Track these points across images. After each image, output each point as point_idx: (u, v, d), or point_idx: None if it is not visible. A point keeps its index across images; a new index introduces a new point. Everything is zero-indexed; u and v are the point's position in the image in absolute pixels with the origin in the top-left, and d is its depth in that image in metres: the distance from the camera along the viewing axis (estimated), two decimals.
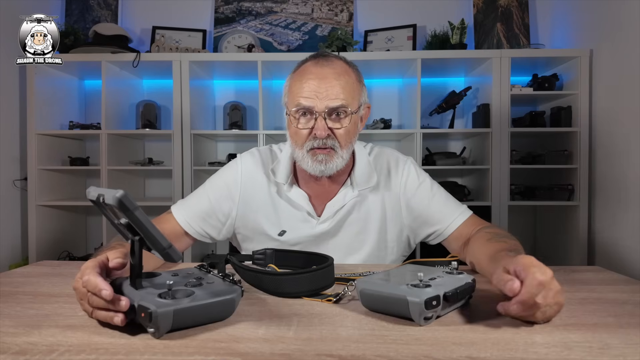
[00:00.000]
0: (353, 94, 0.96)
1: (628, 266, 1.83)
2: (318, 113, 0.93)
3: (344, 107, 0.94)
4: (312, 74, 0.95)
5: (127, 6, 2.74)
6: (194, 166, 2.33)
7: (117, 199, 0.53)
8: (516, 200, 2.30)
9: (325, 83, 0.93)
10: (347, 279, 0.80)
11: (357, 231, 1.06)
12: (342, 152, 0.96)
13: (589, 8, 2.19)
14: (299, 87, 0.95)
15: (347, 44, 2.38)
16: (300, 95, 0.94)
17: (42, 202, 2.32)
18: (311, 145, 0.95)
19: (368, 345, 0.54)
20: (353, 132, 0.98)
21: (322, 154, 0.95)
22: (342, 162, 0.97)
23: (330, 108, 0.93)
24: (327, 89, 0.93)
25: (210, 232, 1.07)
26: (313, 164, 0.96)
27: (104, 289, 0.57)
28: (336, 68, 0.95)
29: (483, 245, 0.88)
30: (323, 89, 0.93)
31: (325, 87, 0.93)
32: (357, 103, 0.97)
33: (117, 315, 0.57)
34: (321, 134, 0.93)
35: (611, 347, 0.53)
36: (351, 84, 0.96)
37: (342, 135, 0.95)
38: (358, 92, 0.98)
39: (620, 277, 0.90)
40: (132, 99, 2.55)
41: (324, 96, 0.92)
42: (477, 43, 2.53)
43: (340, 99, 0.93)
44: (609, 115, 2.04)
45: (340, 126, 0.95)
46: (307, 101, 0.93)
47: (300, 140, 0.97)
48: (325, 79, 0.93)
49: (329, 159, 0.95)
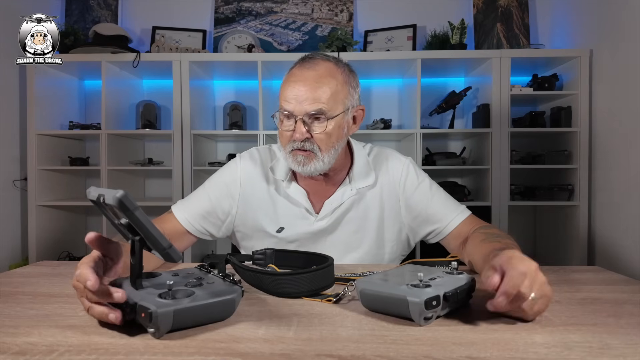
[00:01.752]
0: (336, 98, 0.95)
1: (628, 266, 1.83)
2: (297, 117, 0.94)
3: (323, 112, 0.94)
4: (295, 76, 0.96)
5: (127, 6, 2.74)
6: (194, 166, 2.33)
7: (117, 199, 0.53)
8: (516, 200, 2.30)
9: (305, 86, 0.94)
10: (347, 279, 0.80)
11: (355, 229, 1.06)
12: (323, 156, 0.97)
13: (589, 8, 2.19)
14: (284, 89, 0.97)
15: (347, 44, 2.38)
16: (284, 98, 0.96)
17: (42, 202, 2.32)
18: (292, 146, 0.97)
19: (368, 346, 0.54)
20: (337, 135, 0.97)
21: (301, 156, 0.97)
22: (323, 165, 0.97)
23: (308, 113, 0.94)
24: (307, 92, 0.93)
25: (211, 230, 1.09)
26: (293, 164, 0.98)
27: (88, 279, 0.56)
28: (320, 71, 0.95)
29: (477, 246, 0.89)
30: (303, 93, 0.93)
31: (305, 90, 0.93)
32: (340, 107, 0.96)
33: (112, 312, 0.56)
34: (298, 137, 0.94)
35: (611, 347, 0.53)
36: (334, 88, 0.95)
37: (322, 139, 0.95)
38: (343, 95, 0.97)
39: (620, 277, 0.90)
40: (132, 99, 2.55)
41: (304, 99, 0.93)
42: (477, 43, 2.53)
43: (319, 103, 0.93)
44: (609, 115, 2.04)
45: (319, 130, 0.95)
46: (287, 105, 0.95)
47: (283, 141, 0.99)
48: (306, 82, 0.94)
49: (307, 161, 0.97)
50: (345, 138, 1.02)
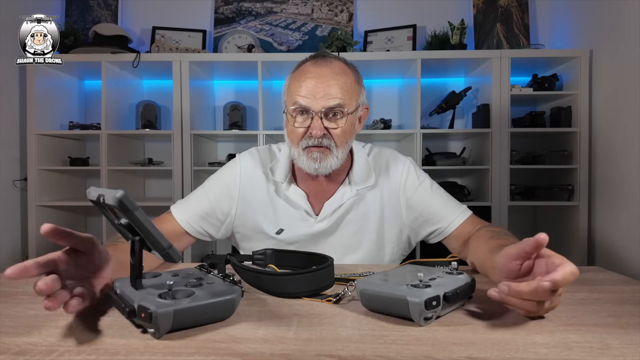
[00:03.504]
0: (351, 95, 0.96)
1: (628, 266, 1.83)
2: (314, 113, 0.93)
3: (341, 107, 0.94)
4: (310, 73, 0.95)
5: (127, 6, 2.74)
6: (194, 166, 2.33)
7: (117, 199, 0.53)
8: (516, 200, 2.30)
9: (322, 83, 0.93)
10: (347, 279, 0.80)
11: (355, 230, 1.06)
12: (338, 152, 0.97)
13: (589, 8, 2.19)
14: (297, 86, 0.95)
15: (347, 44, 2.38)
16: (297, 94, 0.94)
17: (42, 202, 2.32)
18: (307, 143, 0.96)
19: (368, 346, 0.54)
20: (350, 132, 0.98)
21: (317, 152, 0.95)
22: (337, 161, 0.97)
23: (327, 108, 0.93)
24: (325, 88, 0.93)
25: (210, 231, 1.08)
26: (308, 162, 0.96)
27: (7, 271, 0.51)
28: (334, 68, 0.95)
29: (485, 243, 0.88)
30: (320, 89, 0.93)
31: (323, 87, 0.93)
32: (354, 104, 0.97)
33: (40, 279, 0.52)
34: (317, 134, 0.93)
35: (611, 348, 0.53)
36: (349, 85, 0.96)
37: (338, 135, 0.95)
38: (356, 92, 0.98)
39: (620, 277, 0.90)
40: (132, 99, 2.55)
41: (321, 96, 0.93)
42: (477, 43, 2.54)
43: (337, 98, 0.93)
44: (609, 116, 2.04)
45: (336, 126, 0.95)
46: (304, 100, 0.94)
47: (296, 138, 0.97)
48: (322, 78, 0.94)
49: (324, 157, 0.96)
50: (354, 136, 1.02)
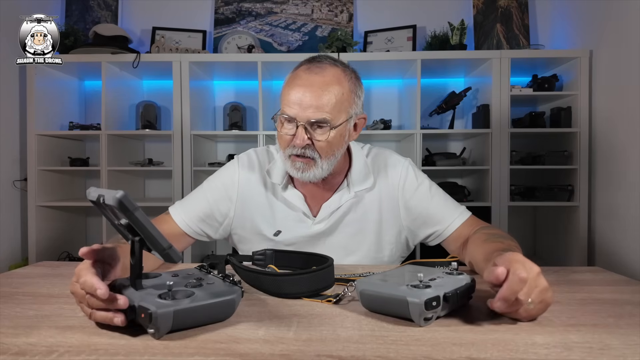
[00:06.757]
0: (340, 107, 0.93)
1: (628, 266, 1.83)
2: (299, 122, 0.92)
3: (326, 121, 0.92)
4: (300, 80, 0.93)
5: (127, 7, 2.74)
6: (194, 167, 2.33)
7: (117, 199, 0.53)
8: (516, 200, 2.30)
9: (311, 92, 0.90)
10: (347, 280, 0.80)
11: (354, 232, 1.05)
12: (322, 163, 0.95)
13: (589, 8, 2.19)
14: (287, 92, 0.94)
15: (347, 45, 2.38)
16: (286, 101, 0.93)
17: (42, 202, 2.32)
18: (291, 152, 0.95)
19: (368, 346, 0.54)
20: (337, 143, 0.96)
21: (300, 162, 0.95)
22: (322, 172, 0.96)
23: (311, 121, 0.91)
24: (312, 99, 0.90)
25: (208, 232, 1.08)
26: (292, 170, 0.96)
27: (99, 288, 0.56)
28: (327, 77, 0.92)
29: (479, 246, 0.88)
30: (307, 99, 0.90)
31: (310, 97, 0.90)
32: (344, 116, 0.94)
33: (117, 316, 0.57)
34: (299, 144, 0.92)
35: (611, 348, 0.53)
36: (340, 95, 0.92)
37: (323, 147, 0.94)
38: (347, 103, 0.94)
39: (620, 277, 0.90)
40: (132, 100, 2.55)
41: (308, 106, 0.90)
42: (477, 44, 2.54)
43: (323, 112, 0.91)
44: (609, 116, 2.04)
45: (321, 139, 0.93)
46: (290, 110, 0.92)
47: (283, 144, 0.97)
48: (311, 87, 0.91)
49: (307, 168, 0.95)
50: (345, 145, 1.01)
